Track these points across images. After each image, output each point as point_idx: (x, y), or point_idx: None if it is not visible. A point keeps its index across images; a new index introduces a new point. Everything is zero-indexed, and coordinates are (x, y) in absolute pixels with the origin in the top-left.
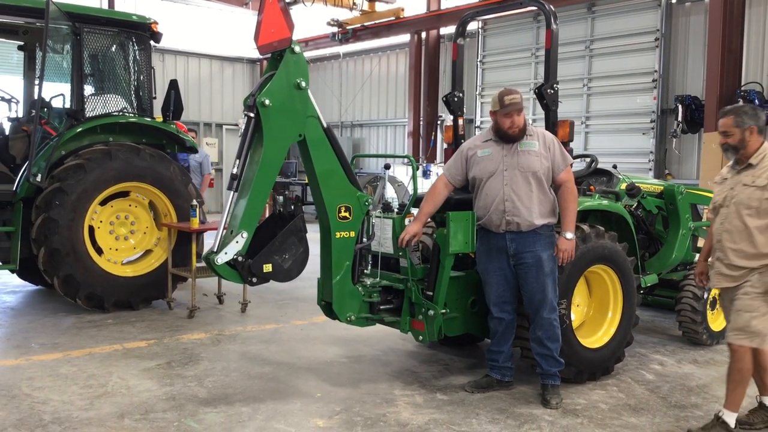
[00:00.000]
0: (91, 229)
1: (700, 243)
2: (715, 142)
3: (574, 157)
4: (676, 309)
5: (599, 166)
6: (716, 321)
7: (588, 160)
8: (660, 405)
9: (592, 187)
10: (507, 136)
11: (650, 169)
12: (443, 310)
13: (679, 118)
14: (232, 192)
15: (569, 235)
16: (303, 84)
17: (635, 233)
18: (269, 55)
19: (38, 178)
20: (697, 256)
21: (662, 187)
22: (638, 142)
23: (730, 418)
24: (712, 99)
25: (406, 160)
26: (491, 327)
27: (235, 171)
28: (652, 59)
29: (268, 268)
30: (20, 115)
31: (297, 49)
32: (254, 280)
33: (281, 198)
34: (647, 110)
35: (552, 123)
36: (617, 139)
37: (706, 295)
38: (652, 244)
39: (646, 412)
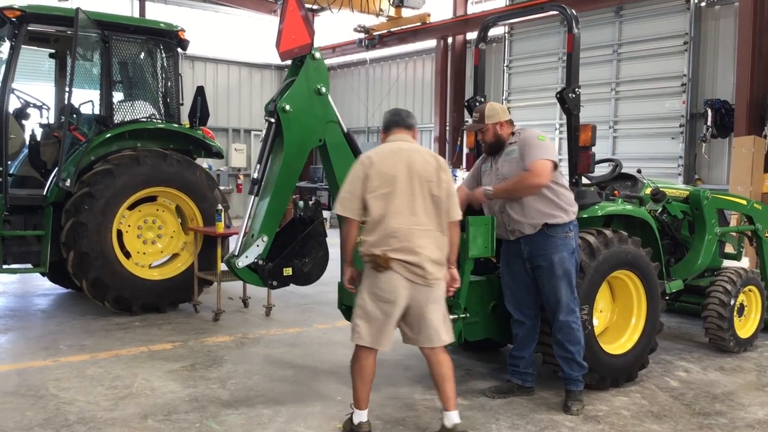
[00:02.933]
0: (120, 233)
1: (728, 249)
2: (746, 146)
3: (597, 162)
4: (702, 315)
5: (624, 170)
6: (743, 328)
7: (612, 165)
8: (683, 412)
9: (616, 192)
10: (485, 149)
11: (680, 174)
12: (463, 315)
13: (709, 123)
14: (253, 196)
15: (488, 190)
16: (323, 89)
17: (660, 238)
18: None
19: (68, 183)
20: (724, 262)
21: (688, 192)
22: (667, 146)
23: None
24: (743, 103)
25: None
26: (513, 331)
27: (256, 176)
28: (681, 63)
29: (288, 271)
30: (51, 121)
31: (317, 55)
32: (274, 283)
33: (302, 203)
34: (676, 114)
35: (574, 127)
36: (646, 144)
37: (732, 302)
38: (677, 249)
39: (669, 419)
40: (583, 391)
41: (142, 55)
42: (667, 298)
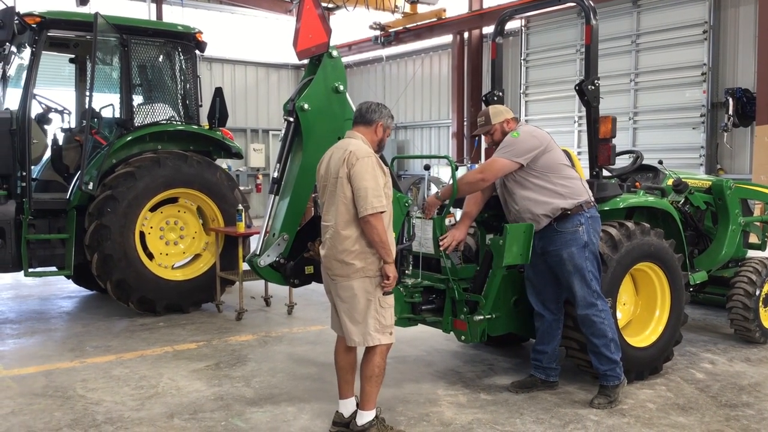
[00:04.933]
0: (142, 235)
1: (752, 239)
2: None
3: (618, 154)
4: (727, 306)
5: (645, 162)
6: None
7: (633, 156)
8: (710, 404)
9: (637, 184)
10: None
11: (701, 165)
12: (489, 316)
13: (730, 112)
14: (273, 195)
15: (438, 193)
16: (341, 87)
17: (683, 230)
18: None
19: (90, 187)
20: (749, 252)
21: (710, 183)
22: (688, 137)
23: None
24: (764, 91)
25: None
26: (535, 324)
27: (275, 175)
28: (701, 52)
29: (309, 270)
30: (72, 125)
31: (334, 53)
32: (296, 281)
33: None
34: (697, 104)
35: (593, 119)
36: (667, 135)
37: (758, 292)
38: (701, 240)
39: (695, 411)
40: (618, 386)
41: (161, 58)
42: (691, 289)
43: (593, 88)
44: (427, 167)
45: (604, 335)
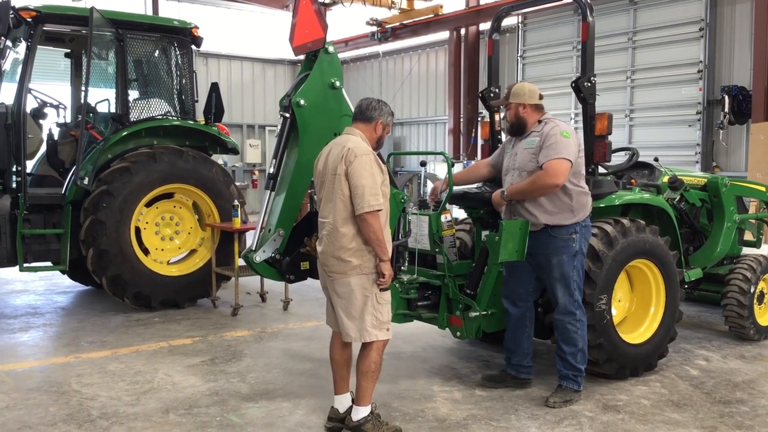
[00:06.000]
0: (138, 230)
1: (747, 236)
2: (764, 132)
3: (614, 151)
4: (722, 304)
5: (641, 159)
6: (763, 315)
7: (629, 153)
8: (704, 401)
9: (633, 181)
10: (508, 129)
11: (697, 162)
12: (484, 312)
13: (726, 109)
14: (268, 191)
15: (504, 192)
16: (337, 83)
17: (678, 227)
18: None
19: (86, 182)
20: (744, 250)
21: (706, 180)
22: (684, 134)
23: None
24: (760, 89)
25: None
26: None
27: (271, 171)
28: (697, 49)
29: (305, 265)
30: (68, 120)
31: (331, 49)
32: (292, 277)
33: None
34: (693, 102)
35: (590, 116)
36: (663, 132)
37: (752, 290)
38: (696, 237)
39: (690, 407)
40: (575, 392)
41: (157, 53)
42: (686, 286)
43: (589, 85)
44: (423, 163)
45: (574, 344)
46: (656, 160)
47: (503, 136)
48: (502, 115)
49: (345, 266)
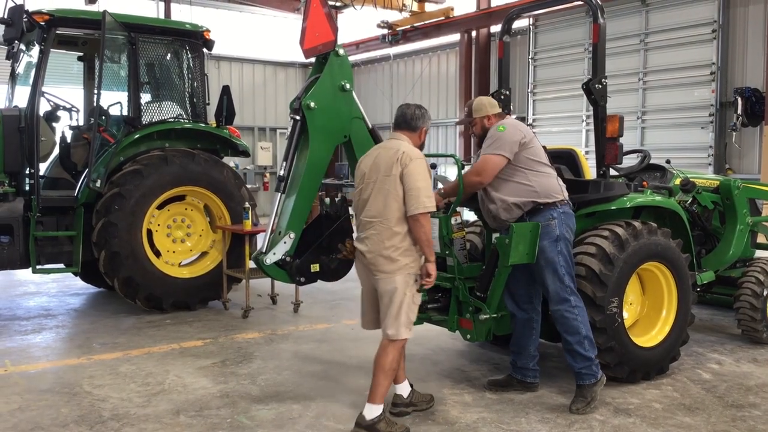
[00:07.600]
0: (149, 233)
1: (760, 239)
2: None
3: (625, 153)
4: (734, 307)
5: (653, 161)
6: None
7: (640, 155)
8: (716, 404)
9: (645, 183)
10: (477, 142)
11: (710, 164)
12: (495, 315)
13: (739, 111)
14: (279, 193)
15: (441, 191)
16: (347, 86)
17: (690, 229)
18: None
19: (98, 184)
20: (757, 252)
21: (718, 182)
22: (697, 136)
23: None
24: None
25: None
26: (510, 324)
27: (282, 173)
28: (710, 51)
29: (315, 267)
30: (80, 123)
31: (341, 51)
32: (302, 279)
33: (327, 199)
34: (705, 104)
35: (601, 118)
36: (675, 134)
37: (765, 293)
38: (708, 240)
39: (701, 411)
40: (594, 384)
41: (169, 56)
42: (698, 289)
43: (601, 87)
44: (433, 166)
45: (577, 332)
46: (668, 162)
47: None
48: (470, 131)
49: (394, 265)
